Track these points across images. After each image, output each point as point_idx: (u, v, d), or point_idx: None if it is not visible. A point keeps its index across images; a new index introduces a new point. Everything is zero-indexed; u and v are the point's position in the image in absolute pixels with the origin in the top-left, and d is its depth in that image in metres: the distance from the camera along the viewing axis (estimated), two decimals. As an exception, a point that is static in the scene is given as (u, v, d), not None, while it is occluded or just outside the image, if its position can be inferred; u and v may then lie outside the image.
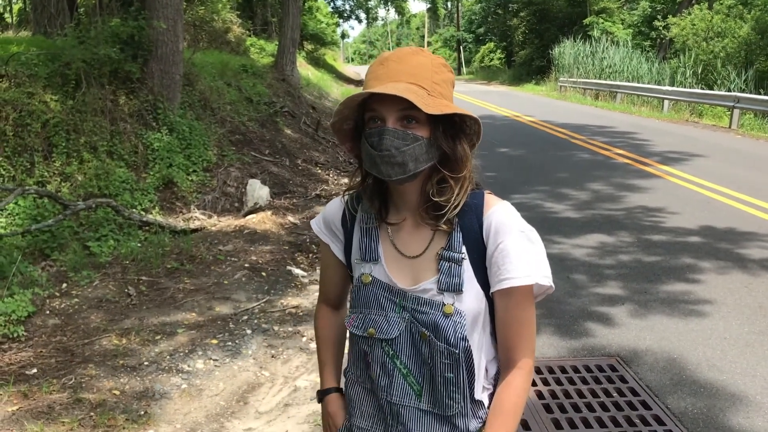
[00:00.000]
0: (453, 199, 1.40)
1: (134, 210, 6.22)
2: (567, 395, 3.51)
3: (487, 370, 1.50)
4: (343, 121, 1.43)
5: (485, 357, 1.49)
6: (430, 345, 1.41)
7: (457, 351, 1.40)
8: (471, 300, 1.42)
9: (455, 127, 1.40)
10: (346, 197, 1.57)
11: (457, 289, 1.41)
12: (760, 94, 17.83)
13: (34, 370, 3.60)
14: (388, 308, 1.46)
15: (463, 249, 1.43)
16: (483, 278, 1.43)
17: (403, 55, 1.38)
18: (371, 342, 1.47)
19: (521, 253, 1.39)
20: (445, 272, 1.42)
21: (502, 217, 1.42)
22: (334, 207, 1.59)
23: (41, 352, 3.82)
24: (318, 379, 1.77)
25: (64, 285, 4.80)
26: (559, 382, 3.64)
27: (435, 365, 1.42)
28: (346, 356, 1.68)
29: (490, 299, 1.45)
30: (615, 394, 3.52)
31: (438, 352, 1.41)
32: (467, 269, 1.42)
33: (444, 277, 1.42)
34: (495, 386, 1.50)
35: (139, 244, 5.62)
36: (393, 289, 1.46)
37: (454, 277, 1.41)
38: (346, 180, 9.23)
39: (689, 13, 24.91)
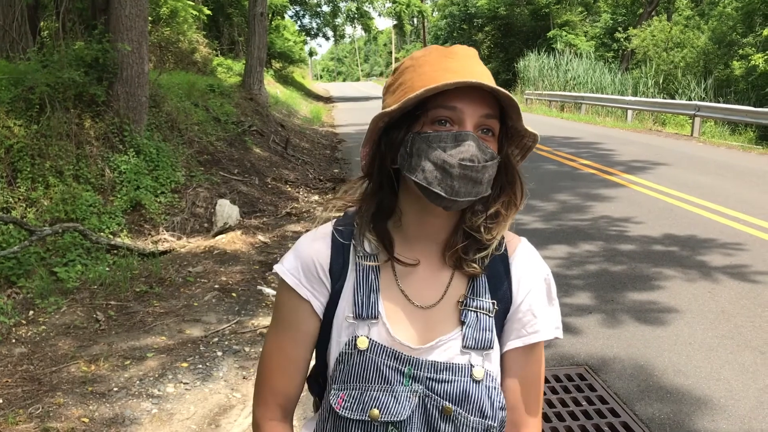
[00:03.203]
0: (500, 236, 1.16)
1: (102, 234, 6.16)
2: (537, 406, 3.55)
3: None
4: (386, 116, 1.11)
5: None
6: (454, 423, 1.11)
7: (495, 424, 1.13)
8: (497, 359, 1.18)
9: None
10: (333, 225, 1.22)
11: (487, 346, 1.14)
12: (719, 102, 18.30)
13: (0, 401, 3.54)
14: (393, 380, 1.12)
15: (489, 296, 1.17)
16: (500, 333, 1.20)
17: (472, 52, 1.14)
18: (372, 427, 1.11)
19: (546, 303, 1.20)
20: (471, 324, 1.14)
21: (530, 260, 1.22)
22: (318, 244, 1.20)
23: (7, 381, 3.76)
24: None
25: (31, 312, 4.74)
26: (529, 393, 3.68)
27: None
28: None
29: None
30: (584, 403, 3.57)
31: (469, 429, 1.11)
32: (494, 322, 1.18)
33: (471, 331, 1.14)
34: None
35: (107, 268, 5.57)
36: (399, 355, 1.13)
37: (485, 330, 1.14)
38: (316, 197, 9.25)
39: (649, 25, 25.51)
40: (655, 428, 3.31)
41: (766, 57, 17.52)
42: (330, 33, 43.48)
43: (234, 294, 5.25)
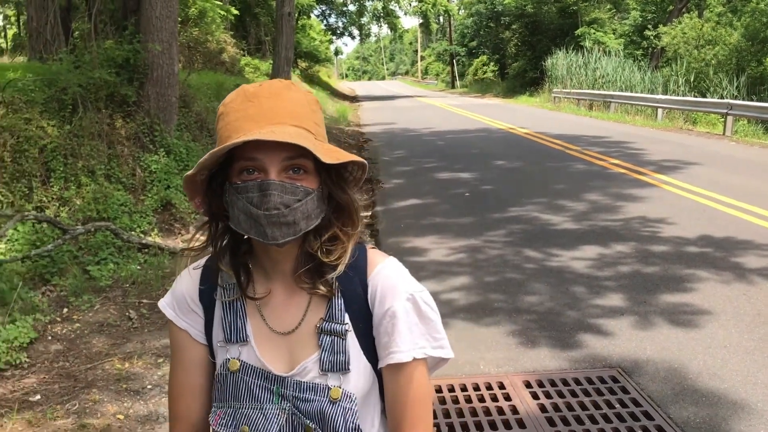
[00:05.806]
0: (344, 257, 1.19)
1: (133, 233, 6.23)
2: (569, 407, 3.52)
3: None
4: (199, 172, 1.16)
5: None
6: None
7: None
8: (360, 379, 1.22)
9: (340, 174, 1.20)
10: (203, 261, 1.30)
11: (343, 368, 1.19)
12: (752, 100, 17.99)
13: (38, 397, 3.60)
14: (263, 399, 1.21)
15: (347, 318, 1.21)
16: (371, 350, 1.23)
17: (276, 89, 1.14)
18: None
19: (412, 322, 1.20)
20: (327, 349, 1.20)
21: (389, 279, 1.23)
22: (187, 280, 1.29)
23: (44, 378, 3.82)
24: None
25: (65, 310, 4.81)
26: (561, 395, 3.65)
27: None
28: None
29: (379, 373, 1.25)
30: (617, 406, 3.53)
31: None
32: (353, 342, 1.21)
33: (327, 355, 1.20)
34: None
35: (138, 267, 5.64)
36: (268, 375, 1.21)
37: (339, 354, 1.20)
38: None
39: (680, 22, 25.15)
40: (691, 432, 3.26)
41: (800, 54, 17.19)
42: (356, 32, 43.67)
43: (264, 293, 5.28)
